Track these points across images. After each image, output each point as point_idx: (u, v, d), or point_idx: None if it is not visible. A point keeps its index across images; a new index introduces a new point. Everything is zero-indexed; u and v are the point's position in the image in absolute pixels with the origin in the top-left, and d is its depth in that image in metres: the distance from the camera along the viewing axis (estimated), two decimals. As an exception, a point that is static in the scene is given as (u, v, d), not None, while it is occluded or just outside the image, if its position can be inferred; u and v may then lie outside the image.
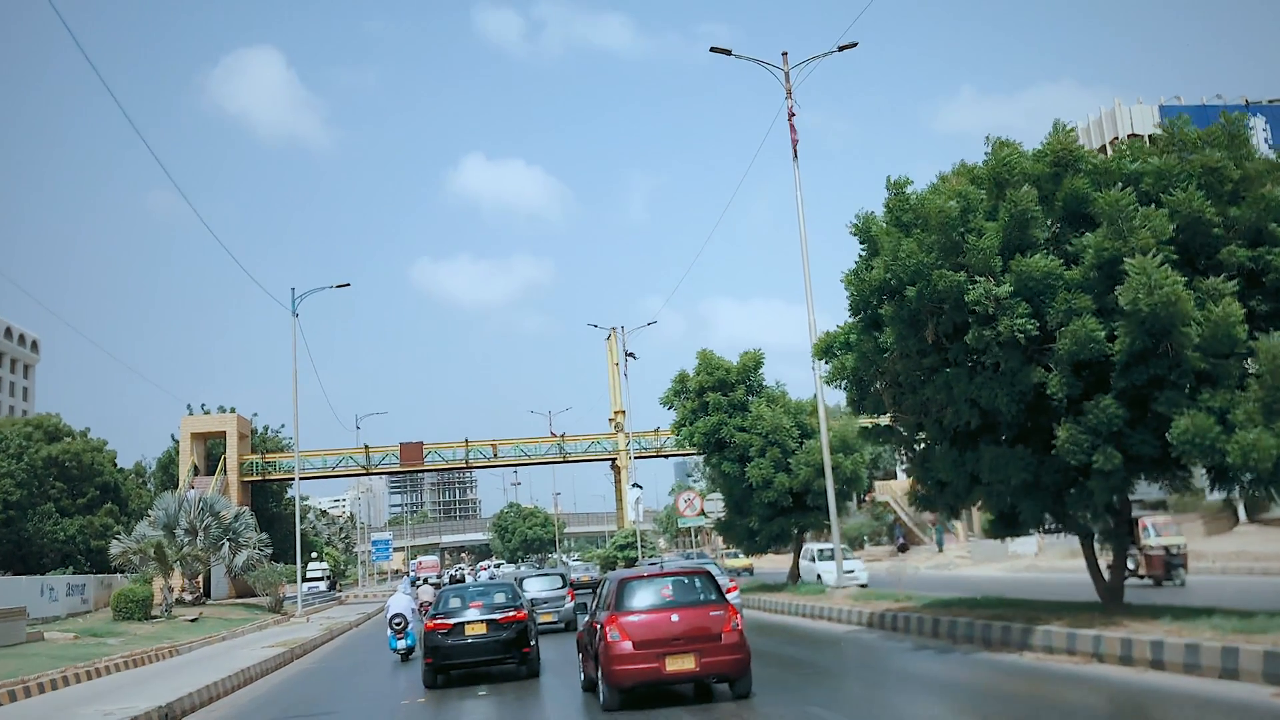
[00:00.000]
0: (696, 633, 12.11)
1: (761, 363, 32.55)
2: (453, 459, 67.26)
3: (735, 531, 33.13)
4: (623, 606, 12.48)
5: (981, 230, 14.47)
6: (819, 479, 29.64)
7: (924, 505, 18.22)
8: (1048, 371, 14.11)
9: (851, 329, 18.45)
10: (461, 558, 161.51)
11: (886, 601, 23.24)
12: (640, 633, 12.10)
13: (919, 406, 16.74)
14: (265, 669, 23.12)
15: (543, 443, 68.15)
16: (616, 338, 61.03)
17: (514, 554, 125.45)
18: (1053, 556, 49.91)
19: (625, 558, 59.32)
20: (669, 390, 33.44)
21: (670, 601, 12.58)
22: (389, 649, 23.59)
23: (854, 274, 17.57)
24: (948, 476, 16.33)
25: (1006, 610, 17.39)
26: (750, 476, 30.16)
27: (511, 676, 17.46)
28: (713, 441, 31.39)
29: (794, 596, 28.36)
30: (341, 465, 66.57)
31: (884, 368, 17.13)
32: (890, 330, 16.06)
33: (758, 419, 30.65)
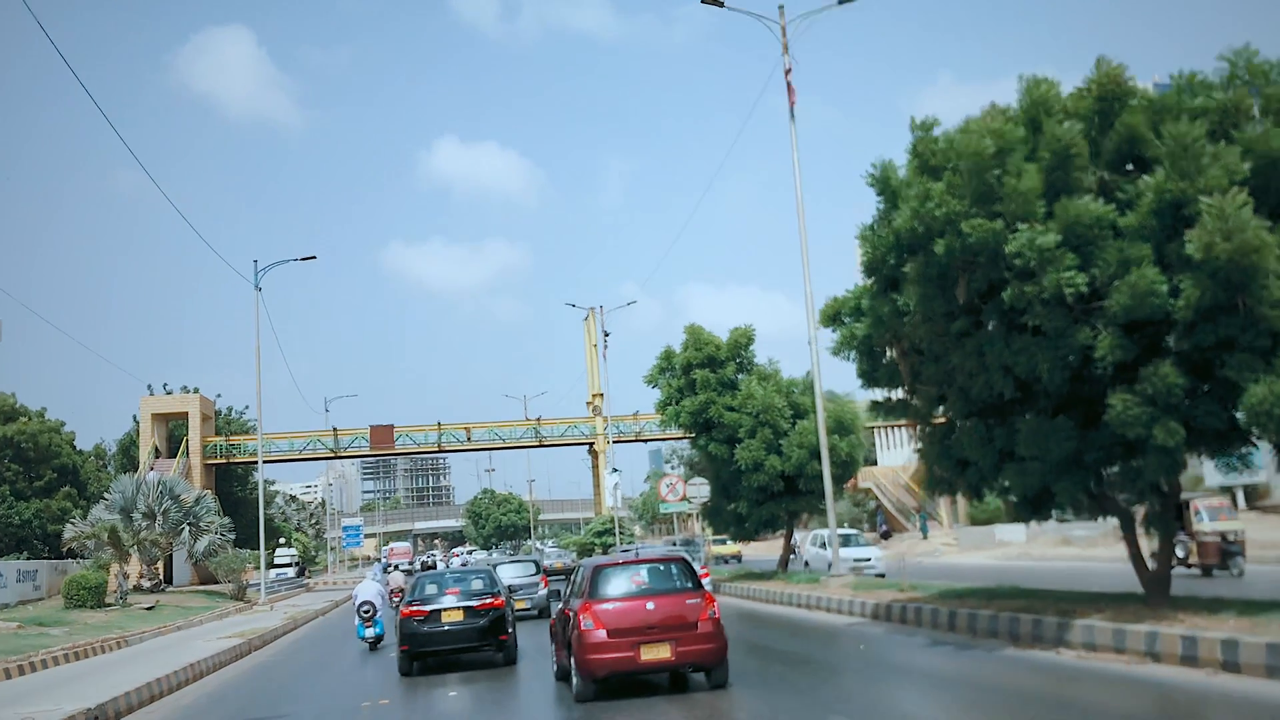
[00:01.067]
0: (672, 621, 11.90)
1: (752, 339, 30.83)
2: (424, 443, 65.27)
3: (723, 517, 31.44)
4: (597, 594, 12.24)
5: (1020, 171, 12.75)
6: (812, 462, 28.02)
7: (940, 489, 16.57)
8: (1095, 333, 12.44)
9: (863, 292, 16.77)
10: (435, 544, 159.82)
11: (889, 591, 21.65)
12: (615, 621, 11.88)
13: (942, 377, 15.08)
14: (219, 662, 21.32)
15: (518, 426, 66.28)
16: (595, 318, 59.22)
17: (488, 540, 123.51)
18: (1044, 544, 48.63)
19: (603, 544, 57.56)
20: (654, 368, 31.69)
21: (645, 589, 12.38)
22: (357, 638, 22.65)
23: (869, 230, 15.89)
24: (974, 455, 14.67)
25: (1033, 602, 15.78)
26: (739, 459, 28.47)
27: (486, 665, 17.05)
28: (700, 422, 29.64)
29: (786, 585, 26.74)
30: (309, 448, 64.47)
31: (902, 334, 15.45)
32: (913, 290, 14.37)
33: (748, 398, 28.95)
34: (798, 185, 25.97)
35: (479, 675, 16.17)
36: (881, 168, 15.64)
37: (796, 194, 25.94)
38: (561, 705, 12.57)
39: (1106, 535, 47.13)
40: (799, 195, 25.91)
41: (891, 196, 15.40)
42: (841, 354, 17.35)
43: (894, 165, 15.62)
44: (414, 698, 14.59)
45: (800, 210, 25.94)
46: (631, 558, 13.45)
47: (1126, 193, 12.78)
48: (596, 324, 57.65)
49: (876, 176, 15.65)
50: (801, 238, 25.89)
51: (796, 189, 25.99)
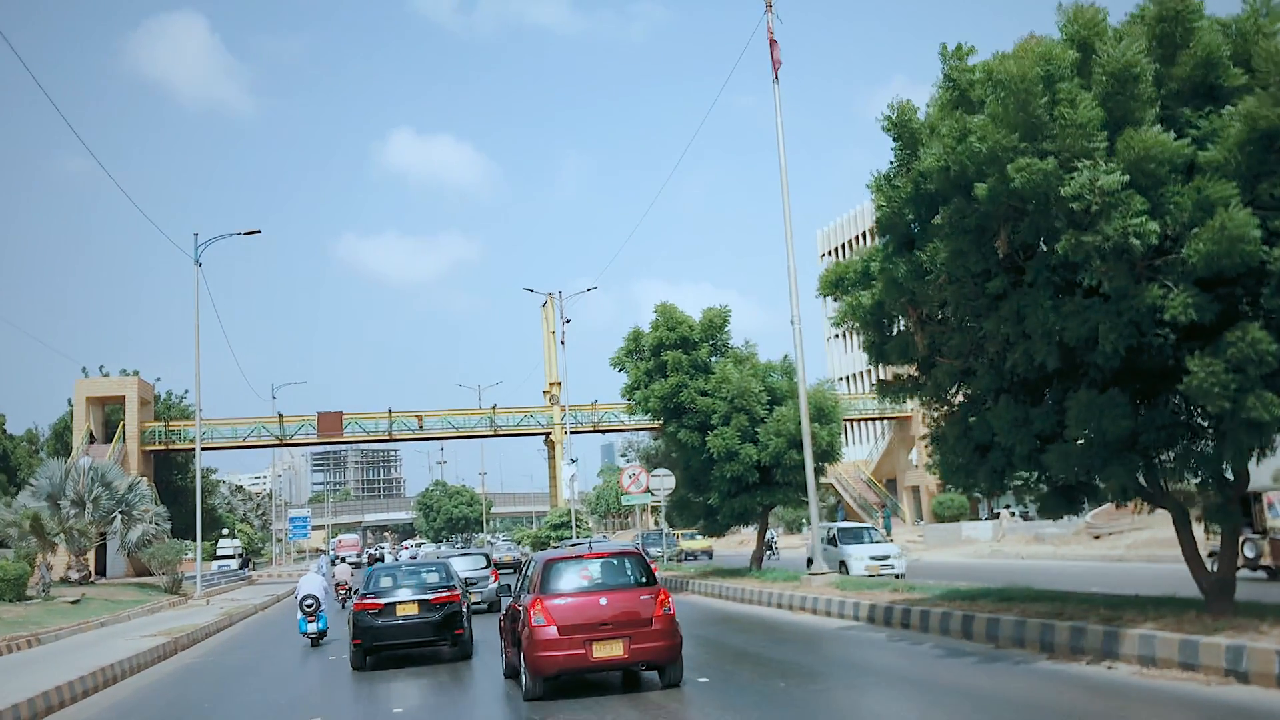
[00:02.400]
0: (626, 617, 11.62)
1: (727, 320, 28.77)
2: (375, 431, 62.59)
3: (691, 509, 29.41)
4: (548, 589, 11.90)
5: (1076, 100, 10.80)
6: (790, 451, 26.11)
7: (957, 478, 14.58)
8: (1165, 291, 10.54)
9: (873, 254, 14.80)
10: (384, 537, 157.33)
11: (881, 591, 19.77)
12: (566, 617, 11.56)
13: (969, 348, 13.13)
14: (138, 664, 19.02)
15: (472, 415, 63.80)
16: (553, 304, 57.00)
17: (438, 533, 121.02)
18: (1014, 542, 47.16)
19: (559, 538, 55.33)
20: (620, 350, 29.58)
21: (598, 584, 12.05)
22: (298, 634, 21.58)
23: (884, 180, 13.92)
24: (1006, 437, 12.71)
25: (1063, 606, 13.89)
26: (711, 447, 26.45)
27: (439, 660, 16.76)
28: (670, 407, 27.57)
29: (762, 583, 24.80)
30: (254, 435, 61.59)
31: (921, 299, 13.48)
32: (943, 244, 12.40)
33: (722, 381, 26.93)
34: (781, 150, 24.05)
35: (428, 671, 15.69)
36: (899, 109, 13.67)
37: (780, 159, 24.03)
38: (509, 705, 12.19)
39: (1079, 534, 45.77)
40: (782, 160, 24.01)
41: (910, 141, 13.46)
42: (845, 325, 15.40)
43: (913, 106, 13.67)
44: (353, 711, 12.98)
45: (784, 178, 24.03)
46: (584, 552, 12.81)
47: (1200, 128, 10.90)
48: (555, 310, 55.46)
49: (893, 119, 13.67)
50: (785, 204, 23.96)
51: (780, 153, 24.07)
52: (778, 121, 24.31)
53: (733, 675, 13.06)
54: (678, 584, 30.01)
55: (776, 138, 24.20)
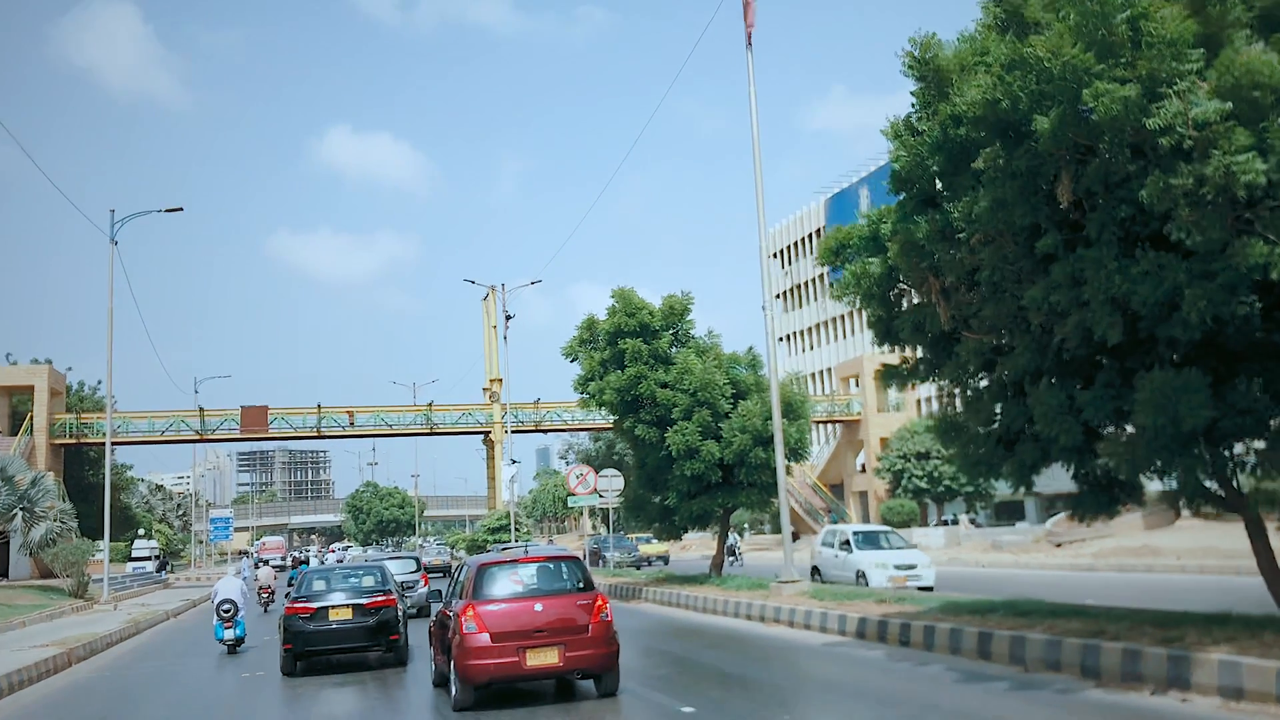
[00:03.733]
0: (561, 624, 11.25)
1: (689, 308, 26.77)
2: (303, 427, 59.56)
3: (647, 511, 27.29)
4: (481, 594, 11.50)
5: (1161, 13, 8.92)
6: (756, 449, 24.19)
7: (974, 473, 12.67)
8: (1271, 246, 8.68)
9: (884, 215, 12.87)
10: (311, 539, 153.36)
11: (865, 603, 17.85)
12: (499, 623, 11.17)
13: (1004, 320, 11.21)
14: (19, 680, 16.48)
15: (407, 411, 61.04)
16: (495, 297, 54.62)
17: (368, 537, 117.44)
18: (970, 550, 45.78)
19: (497, 541, 52.89)
20: (573, 339, 27.43)
21: (534, 589, 11.67)
22: (214, 641, 20.61)
23: (903, 126, 12.00)
24: (1045, 425, 10.81)
25: (1102, 624, 12.03)
26: (671, 443, 24.41)
27: (371, 666, 16.31)
28: (627, 400, 25.47)
29: (724, 592, 22.80)
30: (172, 430, 58.24)
31: (945, 265, 11.56)
32: (983, 194, 10.47)
33: (684, 373, 24.90)
34: (753, 116, 22.10)
35: (356, 679, 15.13)
36: (922, 45, 11.72)
37: (753, 125, 22.09)
38: (437, 716, 11.73)
39: (1039, 542, 44.46)
40: (755, 127, 22.07)
41: (936, 82, 11.52)
42: (849, 297, 13.41)
43: (939, 41, 11.74)
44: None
45: (756, 145, 22.09)
46: (519, 556, 12.32)
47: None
48: (497, 304, 53.09)
49: (916, 57, 11.72)
50: (757, 180, 22.02)
51: (752, 119, 22.13)
52: (750, 91, 22.36)
53: (722, 705, 11.02)
54: (629, 591, 27.90)
55: (750, 108, 22.27)
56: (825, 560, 25.74)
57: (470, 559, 13.26)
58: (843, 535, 25.57)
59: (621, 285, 26.48)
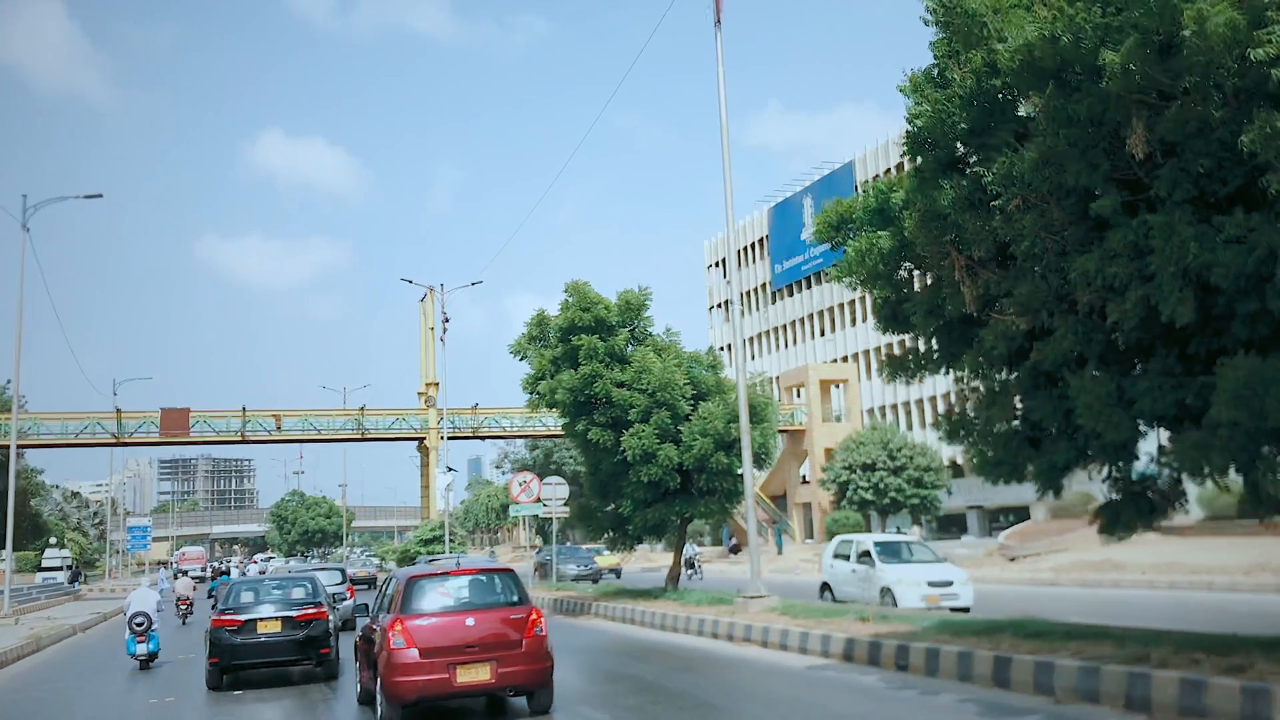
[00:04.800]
0: (494, 639, 10.91)
1: (647, 303, 25.15)
2: (226, 431, 56.86)
3: (598, 520, 25.55)
4: (409, 608, 11.08)
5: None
6: (718, 454, 22.64)
7: (993, 474, 11.24)
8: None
9: (897, 183, 11.42)
10: (234, 550, 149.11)
11: (844, 621, 16.35)
12: (429, 638, 10.78)
13: (1042, 299, 9.76)
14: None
15: (337, 415, 58.60)
16: (433, 298, 52.57)
17: (292, 547, 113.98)
18: (922, 563, 44.65)
19: (430, 553, 50.78)
20: (522, 336, 25.67)
21: (465, 603, 11.30)
22: (126, 656, 19.23)
23: (924, 80, 10.54)
24: (1090, 419, 9.36)
25: (1142, 648, 10.63)
26: (627, 447, 22.76)
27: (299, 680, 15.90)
28: (581, 401, 23.76)
29: (684, 607, 21.20)
30: (87, 432, 55.20)
31: (975, 236, 10.11)
32: (1029, 150, 9.03)
33: (642, 372, 23.28)
34: (721, 98, 20.66)
35: (279, 694, 14.66)
36: (948, -13, 10.29)
37: (720, 109, 20.66)
38: None
39: (991, 556, 43.47)
40: (723, 110, 20.64)
41: (964, 29, 10.07)
42: (851, 279, 11.92)
43: (968, -18, 10.30)
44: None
45: (725, 135, 20.66)
46: (450, 568, 11.93)
47: None
48: (435, 305, 51.06)
49: (942, 2, 10.27)
50: (725, 162, 20.56)
51: (720, 101, 20.70)
52: (719, 73, 20.93)
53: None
54: (577, 606, 26.20)
55: (718, 90, 20.83)
56: (840, 576, 22.29)
57: (399, 571, 12.86)
58: (861, 546, 22.00)
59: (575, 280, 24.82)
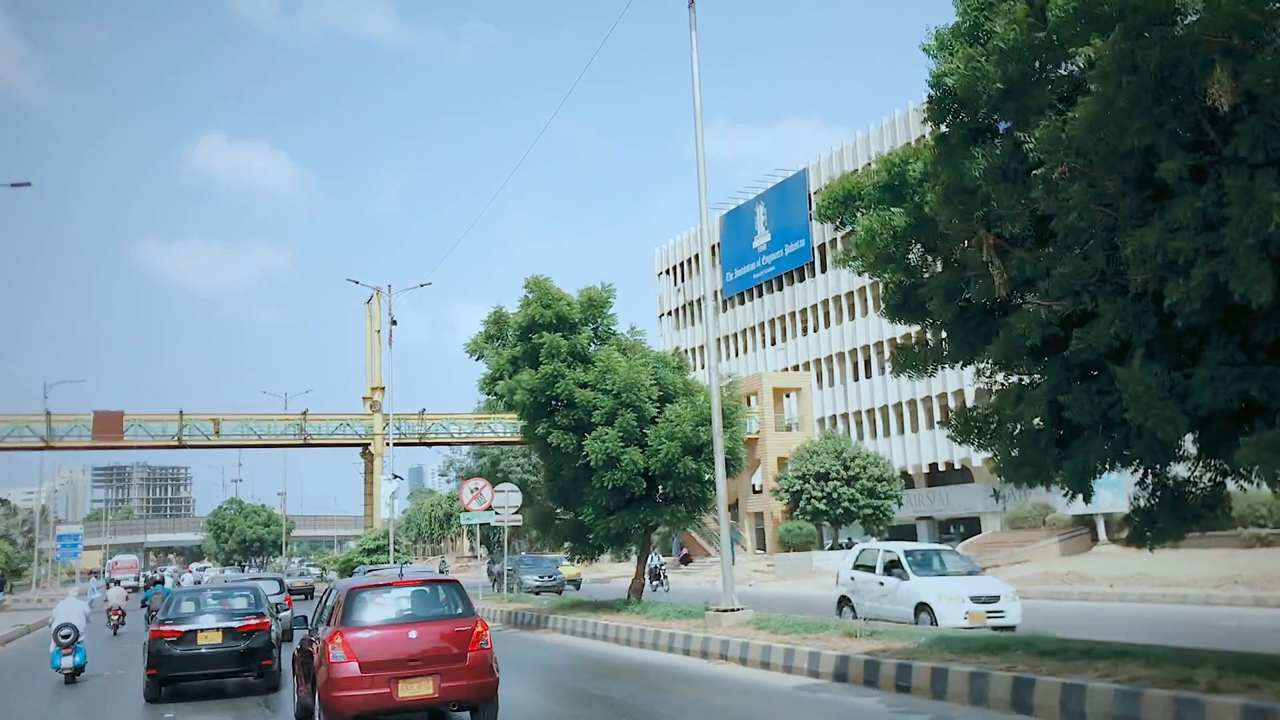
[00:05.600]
0: (437, 652, 10.51)
1: (611, 300, 23.97)
2: (162, 436, 54.66)
3: (559, 529, 24.28)
4: (350, 621, 10.64)
5: None
6: (685, 458, 21.49)
7: (1019, 477, 10.18)
8: None
9: (912, 154, 10.38)
10: (169, 559, 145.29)
11: (829, 636, 15.30)
12: (370, 652, 10.34)
13: (1090, 279, 8.74)
14: None
15: (279, 421, 56.63)
16: (380, 300, 50.94)
17: (229, 556, 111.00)
18: (878, 574, 43.88)
19: (374, 562, 49.02)
20: (479, 334, 24.35)
21: (408, 615, 11.00)
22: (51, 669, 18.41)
23: (951, 37, 9.51)
24: (1140, 413, 8.30)
25: (1180, 669, 9.63)
26: (590, 451, 21.56)
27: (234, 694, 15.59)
28: (541, 402, 22.50)
29: (650, 620, 20.01)
30: (14, 436, 52.76)
31: (1008, 211, 9.07)
32: (1084, 106, 8.00)
33: (606, 372, 22.08)
34: (695, 76, 19.60)
35: (214, 708, 14.45)
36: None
37: (694, 94, 19.59)
38: None
39: (950, 565, 42.92)
40: (696, 98, 19.58)
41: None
42: (860, 264, 10.85)
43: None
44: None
45: (698, 119, 19.60)
46: (393, 579, 11.99)
47: None
48: (382, 306, 49.46)
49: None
50: (698, 147, 19.49)
51: (694, 89, 19.64)
52: (693, 55, 19.87)
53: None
54: (532, 619, 24.90)
55: (691, 69, 19.77)
56: (864, 590, 19.92)
57: (339, 582, 12.53)
58: (889, 556, 19.83)
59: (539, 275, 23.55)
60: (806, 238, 69.65)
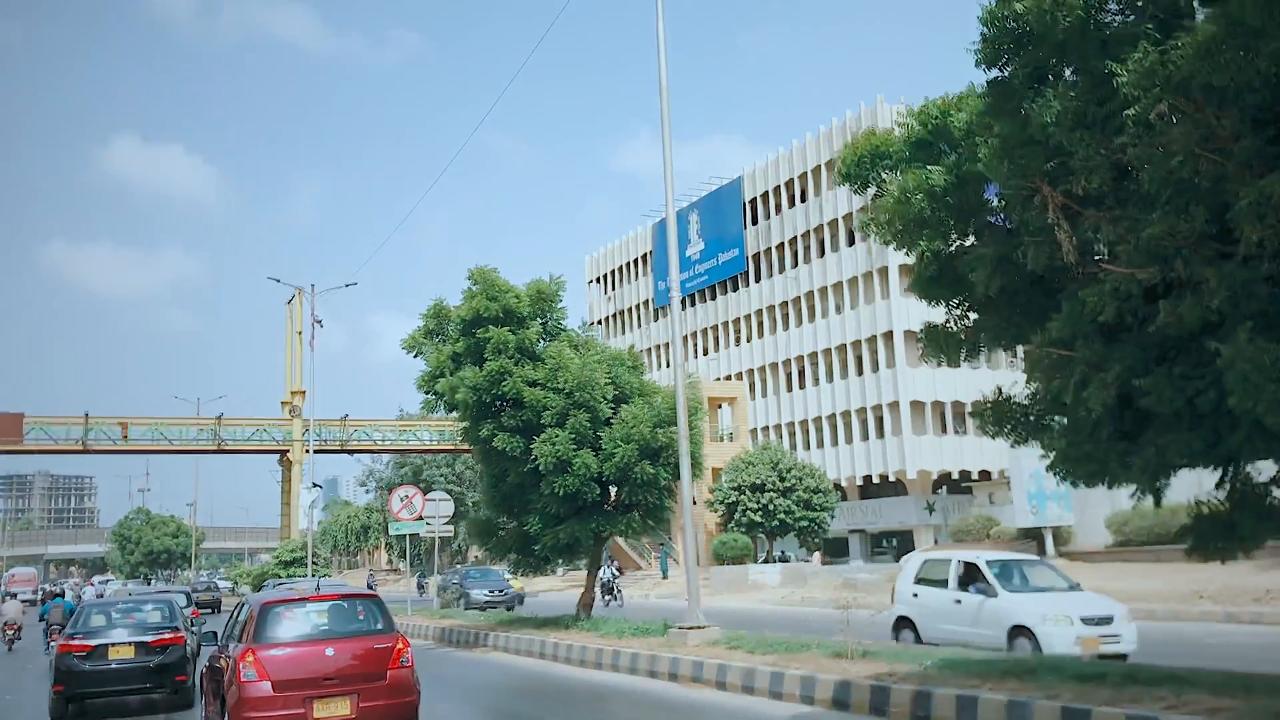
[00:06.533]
0: (355, 670, 10.13)
1: (561, 294, 22.37)
2: (66, 440, 51.50)
3: (503, 540, 22.47)
4: (263, 637, 10.21)
5: None
6: (643, 462, 19.99)
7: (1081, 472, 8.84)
8: None
9: (953, 104, 9.04)
10: (71, 571, 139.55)
11: (811, 657, 13.91)
12: (284, 670, 9.92)
13: (1187, 240, 7.44)
14: None
15: (191, 425, 53.79)
16: (302, 299, 48.62)
17: (135, 569, 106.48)
18: (820, 588, 42.62)
19: (291, 575, 46.56)
20: (417, 330, 22.59)
21: (325, 631, 10.54)
22: None
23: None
24: (1246, 397, 7.05)
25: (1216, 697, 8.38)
26: (538, 455, 19.92)
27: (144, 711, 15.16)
28: (486, 401, 20.79)
29: (604, 639, 18.43)
30: (-99, 439, 49.28)
31: (1084, 165, 7.74)
32: (1206, 26, 6.70)
33: (558, 369, 20.47)
34: (661, 56, 18.18)
35: None
36: None
37: (660, 69, 18.16)
38: None
39: (893, 580, 41.76)
40: (662, 69, 18.14)
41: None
42: (886, 231, 9.46)
43: None
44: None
45: (664, 97, 18.18)
46: (310, 593, 11.42)
47: None
48: (305, 307, 47.18)
49: None
50: (664, 126, 18.06)
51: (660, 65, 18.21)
52: (659, 29, 18.46)
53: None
54: (469, 637, 23.13)
55: (657, 46, 18.35)
56: (933, 609, 16.61)
57: (252, 596, 12.37)
58: (965, 567, 16.36)
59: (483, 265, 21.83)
60: (741, 246, 68.75)
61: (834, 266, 61.75)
